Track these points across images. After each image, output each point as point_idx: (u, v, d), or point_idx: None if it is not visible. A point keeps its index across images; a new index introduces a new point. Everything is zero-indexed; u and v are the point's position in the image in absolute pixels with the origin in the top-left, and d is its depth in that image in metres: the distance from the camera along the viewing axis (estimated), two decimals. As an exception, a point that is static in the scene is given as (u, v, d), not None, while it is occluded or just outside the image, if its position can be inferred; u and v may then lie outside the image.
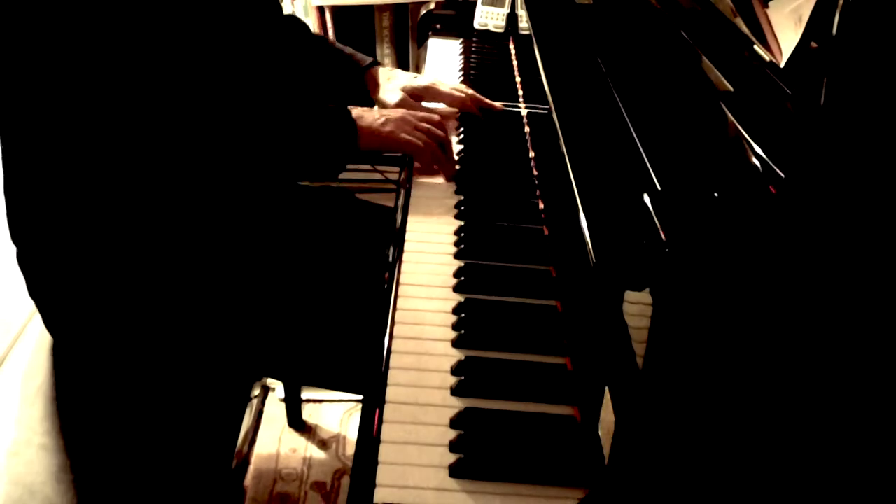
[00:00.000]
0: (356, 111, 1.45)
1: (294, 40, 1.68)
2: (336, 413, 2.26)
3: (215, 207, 1.38)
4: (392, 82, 1.66)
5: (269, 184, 1.47)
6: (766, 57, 0.88)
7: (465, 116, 1.68)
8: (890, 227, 0.70)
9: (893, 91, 0.71)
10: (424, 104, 1.67)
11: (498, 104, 1.70)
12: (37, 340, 1.43)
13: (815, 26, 0.77)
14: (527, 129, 1.62)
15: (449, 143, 1.52)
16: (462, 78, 1.89)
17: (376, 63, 1.70)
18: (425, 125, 1.49)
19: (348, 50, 1.72)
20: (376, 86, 1.67)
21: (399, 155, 1.61)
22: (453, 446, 0.95)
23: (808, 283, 0.69)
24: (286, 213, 1.56)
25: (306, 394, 2.25)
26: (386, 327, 1.14)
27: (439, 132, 1.50)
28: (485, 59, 1.99)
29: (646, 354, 0.75)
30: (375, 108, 1.55)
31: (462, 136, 1.63)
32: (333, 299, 1.42)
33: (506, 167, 1.53)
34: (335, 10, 2.49)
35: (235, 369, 1.47)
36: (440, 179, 1.49)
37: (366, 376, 1.09)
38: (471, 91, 1.69)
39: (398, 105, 1.62)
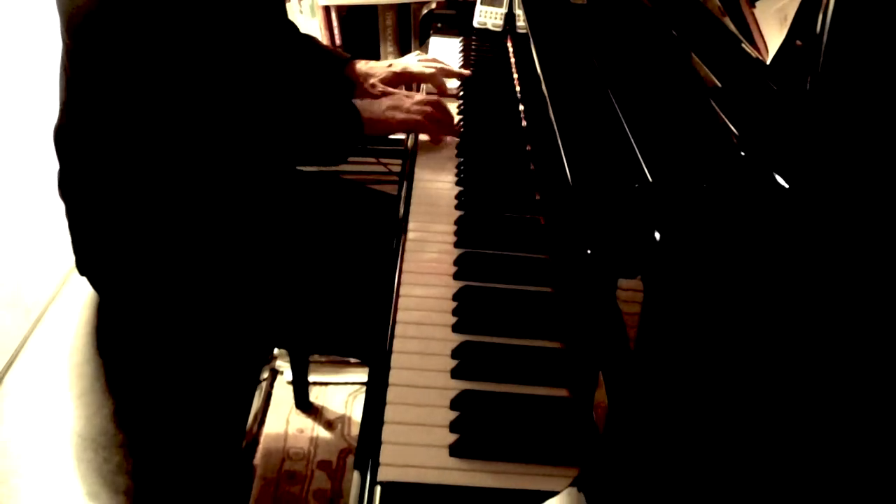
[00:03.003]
0: (359, 102, 1.53)
1: (291, 38, 1.75)
2: (341, 395, 2.27)
3: (236, 191, 1.45)
4: (372, 77, 1.74)
5: (282, 168, 1.55)
6: (753, 54, 0.88)
7: (465, 112, 1.68)
8: (873, 216, 0.70)
9: (876, 87, 0.71)
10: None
11: (466, 71, 1.84)
12: (55, 327, 1.43)
13: (800, 25, 0.77)
14: (524, 123, 1.62)
15: (448, 114, 1.62)
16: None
17: (354, 58, 1.78)
18: (419, 106, 1.56)
19: (329, 47, 1.86)
20: (357, 79, 1.75)
21: (402, 148, 1.62)
22: (453, 427, 0.95)
23: (791, 271, 0.70)
24: (300, 199, 1.61)
25: (313, 377, 2.25)
26: (389, 313, 1.14)
27: (433, 106, 1.58)
28: (484, 56, 1.99)
29: (637, 338, 0.76)
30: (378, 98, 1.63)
31: (461, 130, 1.63)
32: (342, 278, 1.45)
33: (504, 160, 1.53)
34: (341, 9, 2.49)
35: (250, 339, 1.51)
36: (442, 176, 1.49)
37: (370, 357, 1.09)
38: (439, 64, 1.81)
39: (381, 94, 1.69)
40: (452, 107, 1.69)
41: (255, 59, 1.42)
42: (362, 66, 1.76)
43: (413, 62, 1.82)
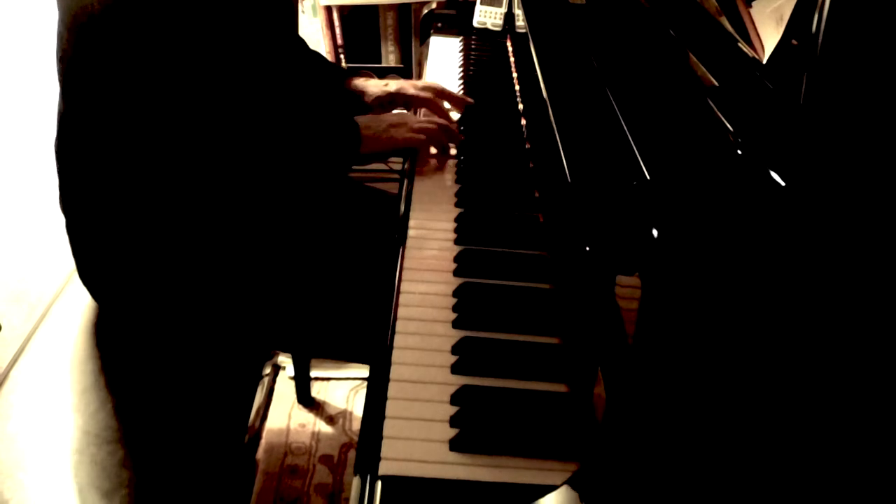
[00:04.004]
0: (360, 119, 1.49)
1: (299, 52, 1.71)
2: (343, 390, 2.27)
3: (237, 196, 1.41)
4: (365, 95, 1.69)
5: (279, 182, 1.48)
6: (750, 54, 0.87)
7: (465, 111, 1.68)
8: (868, 214, 0.70)
9: (871, 85, 0.71)
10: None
11: (469, 100, 1.71)
12: (61, 322, 1.43)
13: (796, 24, 0.77)
14: (523, 121, 1.62)
15: (447, 126, 1.57)
16: (462, 74, 1.89)
17: (354, 73, 1.74)
18: (421, 125, 1.52)
19: (330, 62, 1.79)
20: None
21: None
22: (453, 421, 0.95)
23: (788, 268, 0.70)
24: (301, 197, 1.58)
25: (315, 372, 2.25)
26: (391, 309, 1.14)
27: (434, 125, 1.54)
28: (483, 55, 1.99)
29: (635, 334, 0.76)
30: (378, 115, 1.59)
31: (461, 127, 1.63)
32: (343, 279, 1.43)
33: (503, 158, 1.53)
34: (342, 9, 2.49)
35: (252, 344, 1.50)
36: (442, 174, 1.49)
37: (371, 355, 1.09)
38: (438, 87, 1.71)
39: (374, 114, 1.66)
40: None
41: (262, 74, 1.40)
42: (359, 82, 1.72)
43: (409, 85, 1.75)
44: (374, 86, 1.71)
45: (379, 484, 0.88)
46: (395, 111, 1.68)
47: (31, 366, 1.36)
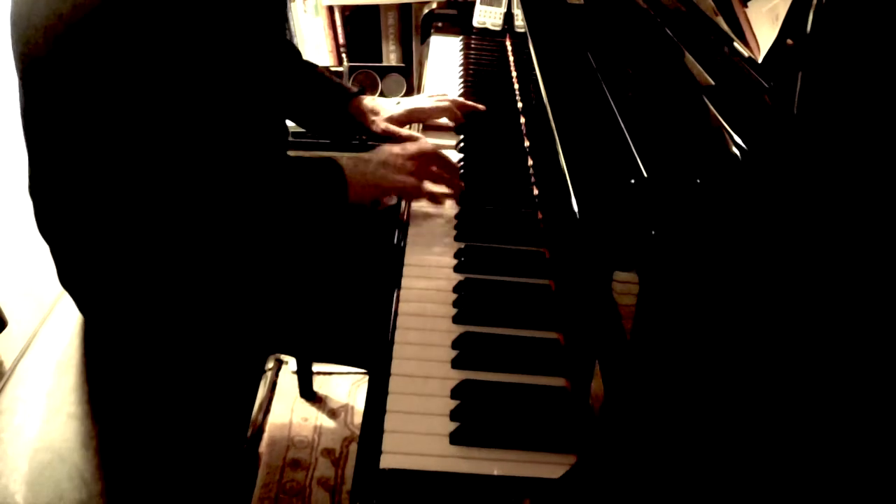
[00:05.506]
0: (345, 161, 1.34)
1: (288, 68, 1.61)
2: (345, 385, 2.27)
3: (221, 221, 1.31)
4: (378, 114, 1.63)
5: (258, 234, 1.35)
6: (745, 53, 0.88)
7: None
8: (864, 212, 0.70)
9: (862, 84, 0.71)
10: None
11: (481, 106, 1.68)
12: (67, 317, 1.43)
13: (791, 24, 0.77)
14: (522, 119, 1.62)
15: (450, 166, 1.43)
16: (462, 73, 1.89)
17: (362, 93, 1.66)
18: (412, 162, 1.38)
19: (335, 79, 1.68)
20: (362, 115, 1.62)
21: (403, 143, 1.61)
22: (453, 415, 0.96)
23: (783, 265, 0.70)
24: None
25: (317, 367, 2.25)
26: (392, 305, 1.14)
27: (430, 160, 1.41)
28: (483, 55, 1.99)
29: (632, 329, 0.76)
30: (364, 154, 1.40)
31: (461, 127, 1.63)
32: (343, 281, 1.41)
33: (502, 156, 1.53)
34: (344, 9, 2.49)
35: (252, 346, 1.47)
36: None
37: (373, 351, 1.09)
38: (452, 98, 1.67)
39: (384, 132, 1.59)
40: (453, 154, 1.55)
41: (245, 106, 1.28)
42: (368, 101, 1.64)
43: (423, 99, 1.69)
44: (386, 104, 1.65)
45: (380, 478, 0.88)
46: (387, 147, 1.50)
47: (37, 361, 1.36)
